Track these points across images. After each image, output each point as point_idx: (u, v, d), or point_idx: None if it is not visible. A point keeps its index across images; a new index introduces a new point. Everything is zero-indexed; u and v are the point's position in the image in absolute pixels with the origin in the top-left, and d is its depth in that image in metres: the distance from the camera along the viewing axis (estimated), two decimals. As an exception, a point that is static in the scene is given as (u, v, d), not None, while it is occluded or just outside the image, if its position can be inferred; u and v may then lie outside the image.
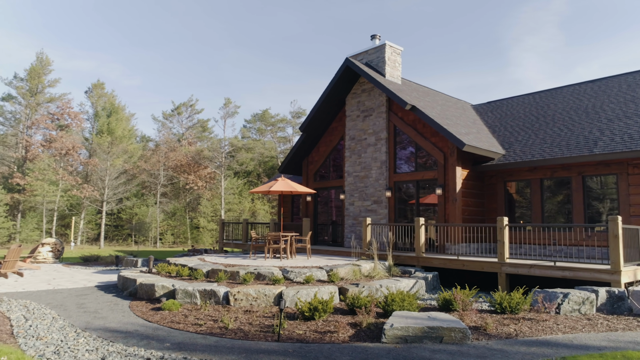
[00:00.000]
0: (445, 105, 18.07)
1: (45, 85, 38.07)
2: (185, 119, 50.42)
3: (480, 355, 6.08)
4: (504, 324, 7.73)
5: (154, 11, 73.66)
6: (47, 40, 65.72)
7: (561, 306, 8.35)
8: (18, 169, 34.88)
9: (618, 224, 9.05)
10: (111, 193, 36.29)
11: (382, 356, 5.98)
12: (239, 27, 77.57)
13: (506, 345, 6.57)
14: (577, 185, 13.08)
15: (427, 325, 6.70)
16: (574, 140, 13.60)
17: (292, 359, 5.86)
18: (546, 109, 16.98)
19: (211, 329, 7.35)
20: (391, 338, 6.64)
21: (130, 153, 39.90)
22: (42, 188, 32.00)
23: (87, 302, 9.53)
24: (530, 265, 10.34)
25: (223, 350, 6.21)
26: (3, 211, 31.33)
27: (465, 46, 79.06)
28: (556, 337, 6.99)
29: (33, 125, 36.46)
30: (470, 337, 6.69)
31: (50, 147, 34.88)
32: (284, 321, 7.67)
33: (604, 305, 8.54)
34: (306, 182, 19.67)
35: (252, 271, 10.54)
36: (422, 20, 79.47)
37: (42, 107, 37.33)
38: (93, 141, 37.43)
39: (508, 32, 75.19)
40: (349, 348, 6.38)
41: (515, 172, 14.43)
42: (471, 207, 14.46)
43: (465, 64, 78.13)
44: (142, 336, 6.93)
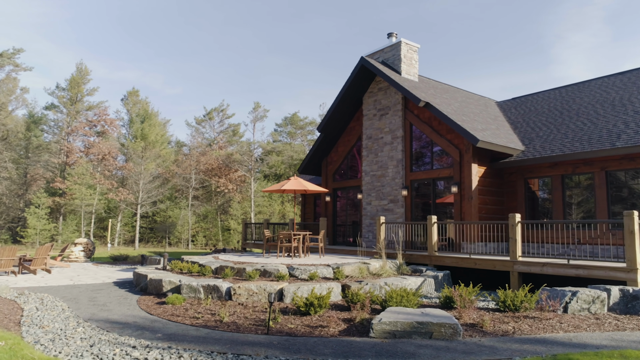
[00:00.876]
0: (465, 102, 17.66)
1: (84, 94, 39.96)
2: (216, 124, 51.64)
3: (467, 351, 5.90)
4: (504, 321, 7.46)
5: (193, 22, 75.98)
6: (95, 53, 69.25)
7: (569, 305, 7.98)
8: (60, 174, 36.76)
9: (634, 219, 8.56)
10: (145, 196, 37.61)
11: (365, 350, 5.92)
12: (275, 34, 78.72)
13: (499, 342, 6.34)
14: (599, 181, 12.45)
15: (416, 320, 6.57)
16: (596, 134, 12.98)
17: (273, 350, 5.89)
18: (571, 103, 16.29)
19: (207, 322, 7.50)
20: (379, 333, 6.55)
21: (163, 157, 41.22)
22: (80, 192, 33.57)
23: (99, 296, 9.93)
24: (543, 264, 9.94)
25: (210, 341, 6.32)
26: (45, 214, 33.07)
27: (506, 45, 77.05)
28: (556, 335, 6.69)
29: (72, 132, 38.33)
30: (461, 333, 6.51)
31: (89, 152, 36.57)
32: (278, 315, 7.72)
33: (617, 304, 8.09)
34: (325, 183, 19.70)
35: (259, 268, 10.66)
36: (460, 20, 78.17)
37: (81, 115, 39.20)
38: (128, 146, 38.94)
39: (551, 29, 72.72)
40: (334, 342, 6.35)
41: (535, 168, 13.90)
42: (489, 205, 14.04)
43: (506, 64, 76.15)
44: (138, 327, 7.16)
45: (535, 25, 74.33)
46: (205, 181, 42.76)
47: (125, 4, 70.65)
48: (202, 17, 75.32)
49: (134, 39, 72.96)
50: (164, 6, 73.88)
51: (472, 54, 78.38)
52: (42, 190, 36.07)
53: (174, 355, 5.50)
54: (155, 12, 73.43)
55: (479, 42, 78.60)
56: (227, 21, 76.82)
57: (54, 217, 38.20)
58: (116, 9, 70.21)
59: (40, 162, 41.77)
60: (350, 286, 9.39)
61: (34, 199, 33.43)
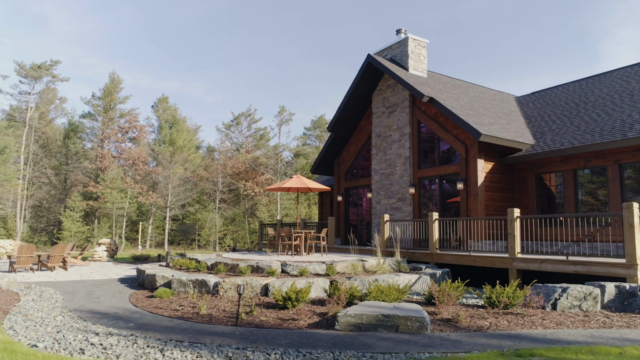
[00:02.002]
0: (478, 97, 17.16)
1: (117, 102, 41.65)
2: (244, 129, 52.51)
3: (428, 344, 5.71)
4: (484, 317, 7.17)
5: (232, 32, 77.87)
6: (141, 65, 72.47)
7: (558, 302, 7.57)
8: (95, 178, 38.41)
9: (633, 211, 8.03)
10: (174, 200, 38.68)
11: (323, 341, 5.83)
12: (310, 41, 79.45)
13: (467, 337, 6.10)
14: (613, 174, 11.77)
15: (382, 313, 6.41)
16: (609, 126, 12.29)
17: (231, 339, 5.91)
18: (589, 95, 15.51)
19: (184, 314, 7.61)
20: (344, 325, 6.44)
21: (191, 161, 42.32)
22: (112, 195, 34.94)
23: (97, 290, 10.28)
24: (541, 260, 9.48)
25: (176, 331, 6.41)
26: (79, 217, 34.62)
27: (550, 43, 74.53)
28: (532, 331, 6.36)
29: (106, 139, 40.00)
30: (428, 327, 6.30)
31: (120, 158, 38.05)
32: (255, 308, 7.71)
33: (612, 302, 7.60)
34: (337, 182, 19.62)
35: (252, 264, 10.72)
36: (500, 20, 76.40)
37: (114, 122, 40.86)
38: (158, 151, 40.23)
39: (597, 25, 69.75)
40: (297, 333, 6.29)
41: (546, 163, 13.31)
42: (497, 202, 13.55)
43: (551, 63, 73.61)
44: (116, 317, 7.36)
45: (580, 21, 71.46)
46: (233, 184, 43.51)
47: (169, 17, 73.85)
48: (240, 27, 77.24)
49: (175, 51, 75.84)
50: (204, 18, 76.43)
51: (514, 54, 76.47)
52: (79, 194, 37.79)
53: (129, 342, 5.61)
54: (195, 24, 76.14)
55: (521, 41, 76.50)
56: (263, 30, 78.30)
57: (90, 220, 39.92)
58: (161, 23, 73.53)
59: (79, 169, 43.83)
60: (337, 282, 9.28)
61: (69, 202, 35.07)
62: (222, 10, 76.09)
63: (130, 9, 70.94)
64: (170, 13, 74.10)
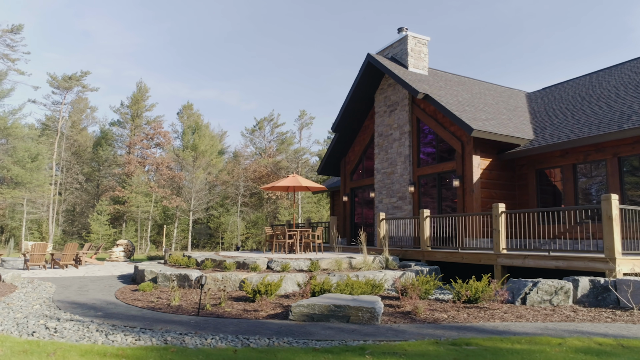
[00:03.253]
0: (482, 93, 16.84)
1: (143, 110, 43.15)
2: (267, 133, 53.24)
3: (372, 333, 5.70)
4: (445, 310, 7.07)
5: (264, 43, 79.53)
6: (179, 75, 75.28)
7: (528, 296, 7.36)
8: (121, 184, 39.89)
9: (611, 202, 7.72)
10: (197, 203, 39.63)
11: (270, 330, 5.92)
12: (344, 47, 79.98)
13: (416, 328, 6.05)
14: (612, 168, 11.30)
15: (333, 304, 6.44)
16: (607, 118, 11.82)
17: (182, 327, 6.08)
18: (596, 88, 14.94)
19: (155, 305, 7.87)
20: (297, 315, 6.51)
21: (214, 166, 43.27)
22: (136, 200, 36.17)
23: (91, 285, 10.73)
24: (524, 256, 9.23)
25: (137, 319, 6.65)
26: (106, 220, 36.02)
27: (590, 42, 72.14)
28: (487, 324, 6.24)
29: (132, 145, 41.49)
30: (379, 317, 6.28)
31: (145, 163, 39.36)
32: (224, 300, 7.89)
33: (586, 296, 7.32)
34: (343, 182, 19.64)
35: (239, 261, 10.93)
36: (538, 19, 74.66)
37: (140, 129, 42.35)
38: (182, 157, 41.37)
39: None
40: (250, 322, 6.41)
41: (545, 158, 12.92)
42: (496, 199, 13.23)
43: (591, 61, 71.15)
44: (90, 307, 7.70)
45: (621, 17, 68.71)
46: (254, 188, 44.17)
47: (204, 31, 76.61)
48: (273, 37, 78.79)
49: (211, 61, 78.36)
50: (237, 31, 78.63)
51: (553, 54, 74.45)
52: (108, 199, 39.33)
53: (83, 327, 5.88)
54: (229, 37, 78.50)
55: (560, 40, 74.39)
56: (294, 40, 79.50)
57: (119, 224, 41.45)
58: (197, 35, 76.43)
59: (110, 175, 45.67)
60: (315, 277, 9.34)
61: (97, 206, 36.55)
62: (254, 23, 78.15)
63: (168, 24, 74.58)
64: (206, 26, 76.95)
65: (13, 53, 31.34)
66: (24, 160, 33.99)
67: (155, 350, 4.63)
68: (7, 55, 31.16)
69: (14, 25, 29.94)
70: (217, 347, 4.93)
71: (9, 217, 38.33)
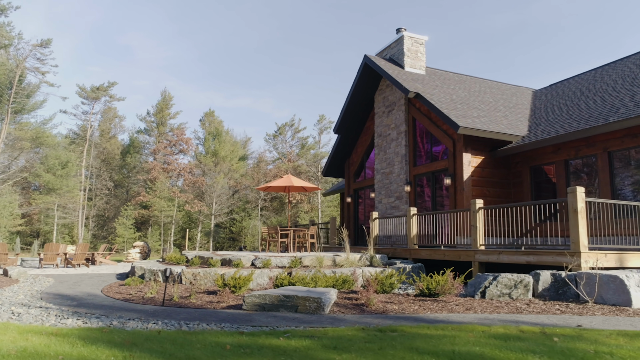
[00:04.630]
0: (481, 91, 16.65)
1: (167, 118, 44.62)
2: (289, 138, 53.90)
3: (311, 321, 5.88)
4: (399, 303, 7.15)
5: (297, 52, 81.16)
6: (214, 84, 77.87)
7: (487, 289, 7.33)
8: (146, 189, 41.34)
9: (577, 195, 7.59)
10: (218, 208, 40.58)
11: (219, 317, 6.19)
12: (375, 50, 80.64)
13: (359, 317, 6.18)
14: (602, 163, 11.00)
15: (283, 294, 6.65)
16: (597, 112, 11.52)
17: (139, 314, 6.44)
18: (598, 82, 14.53)
19: (131, 297, 8.30)
20: (250, 305, 6.76)
21: (235, 171, 44.20)
22: (159, 204, 37.40)
23: (86, 281, 11.33)
24: (499, 252, 9.15)
25: (104, 308, 7.07)
26: (131, 224, 37.40)
27: (631, 42, 69.70)
28: (431, 315, 6.30)
29: (157, 151, 42.95)
30: (325, 307, 6.45)
31: (168, 169, 40.66)
32: (193, 293, 8.23)
33: (547, 290, 7.22)
34: (348, 184, 19.78)
35: (226, 258, 11.28)
36: (575, 18, 72.89)
37: (164, 136, 43.81)
38: (203, 162, 42.50)
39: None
40: (203, 312, 6.71)
41: (538, 155, 12.68)
42: (489, 197, 13.07)
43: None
44: (70, 298, 8.20)
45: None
46: (273, 192, 44.79)
47: (239, 42, 79.09)
48: (305, 46, 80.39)
49: (246, 70, 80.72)
50: (270, 40, 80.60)
51: (591, 52, 72.38)
52: (135, 204, 40.83)
53: (44, 312, 6.33)
54: (262, 46, 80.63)
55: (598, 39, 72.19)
56: (326, 47, 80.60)
57: (145, 228, 42.93)
58: (232, 47, 79.19)
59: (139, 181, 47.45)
60: (292, 273, 9.56)
61: (122, 211, 38.02)
62: (283, 32, 79.90)
63: (204, 36, 77.84)
64: (240, 38, 79.53)
65: (43, 66, 33.25)
66: (54, 167, 35.82)
67: (88, 330, 4.98)
68: (38, 69, 33.09)
69: (43, 40, 31.83)
70: (149, 329, 5.24)
71: (44, 222, 40.43)
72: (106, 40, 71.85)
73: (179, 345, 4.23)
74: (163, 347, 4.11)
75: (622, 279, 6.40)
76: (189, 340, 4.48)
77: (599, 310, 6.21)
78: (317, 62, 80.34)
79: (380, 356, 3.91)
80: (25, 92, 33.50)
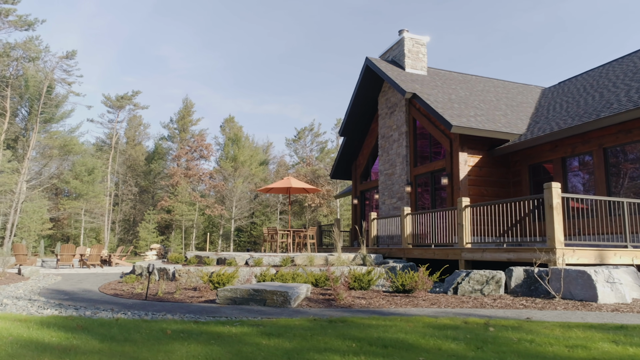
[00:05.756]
0: (484, 91, 16.51)
1: (189, 125, 45.81)
2: (308, 142, 54.34)
3: (273, 313, 6.10)
4: (369, 298, 7.28)
5: (325, 58, 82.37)
6: (243, 91, 79.91)
7: (460, 286, 7.36)
8: (168, 194, 42.52)
9: (552, 191, 7.54)
10: (238, 212, 41.29)
11: (189, 310, 6.48)
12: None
13: (322, 310, 6.35)
14: (598, 160, 10.78)
15: (252, 288, 6.89)
16: (592, 108, 11.30)
17: (118, 307, 6.81)
18: (602, 79, 14.19)
19: (121, 293, 8.72)
20: (222, 299, 7.03)
21: (254, 176, 44.90)
22: (180, 208, 38.39)
23: (90, 279, 11.89)
24: (483, 250, 9.12)
25: (90, 301, 7.48)
26: (153, 228, 38.51)
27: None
28: (393, 309, 6.41)
29: (180, 157, 44.13)
30: (291, 301, 6.64)
31: (189, 174, 41.71)
32: (179, 289, 8.58)
33: (520, 286, 7.19)
34: (354, 186, 19.90)
35: (221, 257, 11.63)
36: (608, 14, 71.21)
37: (186, 142, 44.98)
38: (223, 167, 43.39)
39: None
40: (178, 305, 7.02)
41: (537, 153, 12.51)
42: (486, 196, 12.97)
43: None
44: (64, 293, 8.69)
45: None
46: (294, 196, 45.20)
47: (267, 50, 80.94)
48: (332, 52, 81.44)
49: (274, 78, 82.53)
50: (297, 47, 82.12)
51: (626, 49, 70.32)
52: (153, 208, 42.02)
53: (31, 303, 6.78)
54: (289, 53, 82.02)
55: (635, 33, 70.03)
56: (353, 51, 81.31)
57: (168, 232, 44.10)
58: (260, 55, 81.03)
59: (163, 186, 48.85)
60: (279, 271, 9.80)
61: (145, 215, 39.20)
62: (310, 39, 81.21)
63: (234, 45, 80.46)
64: (266, 47, 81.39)
65: (69, 77, 34.86)
66: (81, 174, 37.34)
67: (55, 318, 5.35)
68: (65, 80, 34.70)
69: (68, 52, 33.42)
70: (117, 318, 5.57)
71: (73, 226, 42.14)
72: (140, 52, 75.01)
73: (126, 330, 4.53)
74: (109, 332, 4.41)
75: (590, 274, 6.33)
76: (138, 326, 4.77)
77: (563, 305, 6.17)
78: (344, 66, 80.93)
79: (305, 340, 4.09)
80: (53, 102, 35.14)
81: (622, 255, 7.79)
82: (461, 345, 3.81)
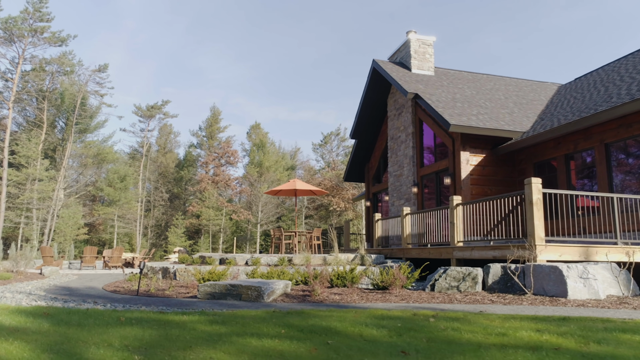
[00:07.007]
0: (493, 89, 16.26)
1: (217, 132, 47.02)
2: (335, 147, 54.57)
3: (242, 306, 6.33)
4: (344, 294, 7.41)
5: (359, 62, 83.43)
6: (279, 99, 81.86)
7: (437, 282, 7.37)
8: (197, 200, 43.74)
9: (532, 187, 7.44)
10: (264, 216, 41.97)
11: (169, 303, 6.81)
12: (439, 59, 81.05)
13: (291, 305, 6.54)
14: (600, 156, 10.46)
15: (230, 284, 7.16)
16: (593, 102, 10.98)
17: (106, 300, 7.24)
18: (614, 73, 13.71)
19: (119, 290, 9.19)
20: (202, 294, 7.33)
21: (280, 181, 45.51)
22: (207, 213, 39.41)
23: (101, 278, 12.52)
24: (472, 248, 9.05)
25: (85, 296, 7.96)
26: (182, 232, 39.68)
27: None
28: (363, 304, 6.52)
29: (208, 164, 45.34)
30: (264, 296, 6.86)
31: (216, 180, 42.79)
32: (172, 286, 8.97)
33: (497, 283, 7.13)
34: (367, 188, 19.95)
35: (223, 257, 12.00)
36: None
37: (213, 149, 46.18)
38: (249, 173, 44.26)
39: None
40: (163, 300, 7.37)
41: (540, 151, 12.24)
42: (489, 195, 12.77)
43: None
44: (67, 289, 9.25)
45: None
46: (318, 200, 45.48)
47: (301, 58, 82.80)
48: (366, 55, 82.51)
49: (308, 85, 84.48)
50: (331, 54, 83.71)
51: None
52: (188, 214, 43.30)
53: (27, 297, 7.31)
54: (323, 60, 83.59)
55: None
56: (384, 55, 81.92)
57: (198, 237, 45.32)
58: (294, 63, 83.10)
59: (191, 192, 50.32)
60: (269, 270, 10.05)
61: (173, 220, 40.46)
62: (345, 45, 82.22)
63: (268, 54, 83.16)
64: (302, 54, 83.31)
65: (101, 89, 36.67)
66: (114, 181, 39.01)
67: (35, 308, 5.79)
68: (98, 92, 36.53)
69: (101, 65, 35.18)
70: (95, 309, 5.96)
71: (107, 231, 44.04)
72: (178, 64, 78.25)
73: (85, 317, 4.88)
74: (69, 318, 4.77)
75: (561, 269, 6.23)
76: (101, 315, 5.12)
77: (531, 300, 6.09)
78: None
79: (244, 327, 4.30)
80: (87, 113, 37.00)
81: (610, 253, 7.57)
82: (383, 332, 3.92)
